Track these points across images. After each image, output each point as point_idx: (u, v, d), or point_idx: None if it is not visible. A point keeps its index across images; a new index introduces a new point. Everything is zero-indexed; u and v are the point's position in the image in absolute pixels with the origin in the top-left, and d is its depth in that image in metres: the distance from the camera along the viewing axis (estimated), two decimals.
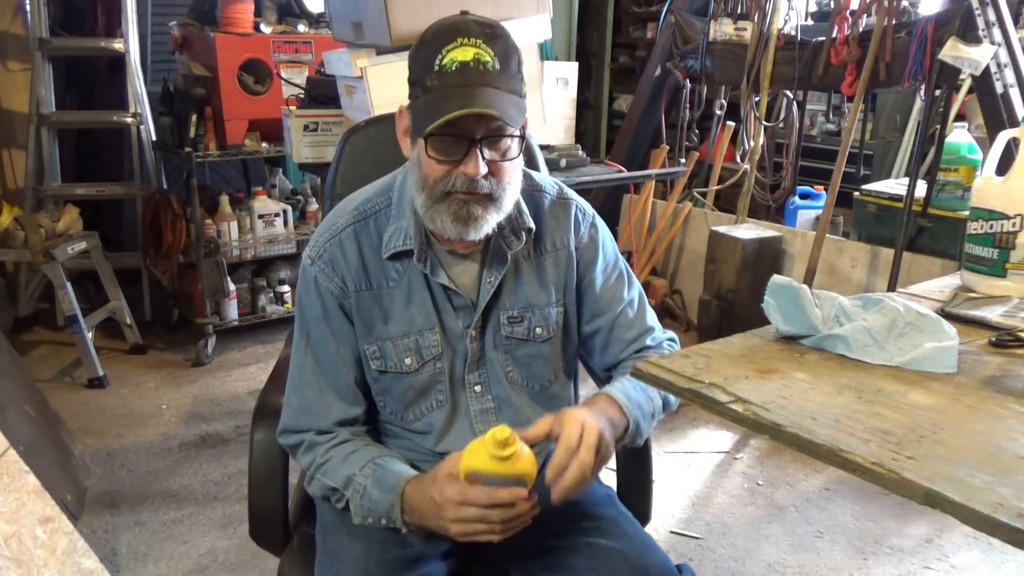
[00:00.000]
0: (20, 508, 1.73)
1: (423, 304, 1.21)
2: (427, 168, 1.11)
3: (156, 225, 3.52)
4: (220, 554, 2.22)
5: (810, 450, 0.84)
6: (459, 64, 1.06)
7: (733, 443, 2.89)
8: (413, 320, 1.21)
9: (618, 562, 1.12)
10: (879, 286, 3.01)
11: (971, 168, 2.78)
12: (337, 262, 1.20)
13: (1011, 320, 1.20)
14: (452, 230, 1.13)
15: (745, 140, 3.64)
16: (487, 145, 1.09)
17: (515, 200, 1.19)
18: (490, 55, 1.07)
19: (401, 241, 1.19)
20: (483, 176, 1.09)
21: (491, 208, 1.12)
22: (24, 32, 3.72)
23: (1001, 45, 2.70)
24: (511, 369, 1.25)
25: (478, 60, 1.06)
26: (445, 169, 1.10)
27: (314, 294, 1.22)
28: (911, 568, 2.23)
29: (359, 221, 1.22)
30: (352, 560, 1.12)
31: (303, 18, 3.69)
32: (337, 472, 1.17)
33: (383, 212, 1.22)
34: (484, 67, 1.06)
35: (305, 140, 2.78)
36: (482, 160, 1.08)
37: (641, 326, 1.30)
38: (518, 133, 1.12)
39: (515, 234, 1.22)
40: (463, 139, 1.08)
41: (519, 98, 1.11)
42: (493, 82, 1.07)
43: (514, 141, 1.12)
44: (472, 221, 1.12)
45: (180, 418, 2.99)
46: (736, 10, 3.53)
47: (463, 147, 1.08)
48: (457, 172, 1.09)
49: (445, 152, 1.09)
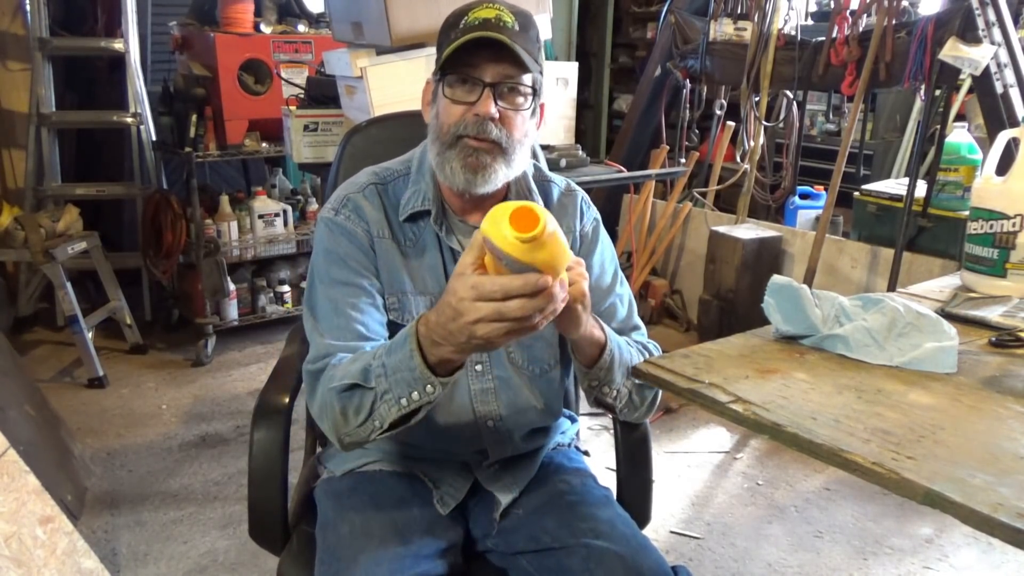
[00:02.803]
0: (20, 508, 1.73)
1: (435, 269, 1.24)
2: (443, 113, 1.16)
3: (156, 225, 3.52)
4: (220, 554, 2.22)
5: (810, 450, 0.84)
6: (482, 19, 1.13)
7: (733, 443, 2.89)
8: (426, 282, 1.24)
9: (614, 564, 1.12)
10: (879, 286, 3.01)
11: (971, 168, 2.78)
12: (361, 209, 1.23)
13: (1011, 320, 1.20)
14: (461, 178, 1.16)
15: (745, 140, 3.64)
16: (500, 96, 1.15)
17: (526, 163, 1.23)
18: (511, 18, 1.14)
19: (419, 202, 1.24)
20: (494, 120, 1.14)
21: (500, 159, 1.17)
22: (24, 32, 3.72)
23: (1001, 45, 2.70)
24: (513, 350, 1.26)
25: (500, 18, 1.14)
26: (459, 111, 1.15)
27: (341, 236, 1.21)
28: (911, 568, 2.23)
29: (379, 183, 1.27)
30: (352, 558, 1.11)
31: (303, 18, 3.70)
32: (349, 368, 1.07)
33: (402, 179, 1.28)
34: (504, 24, 1.13)
35: (305, 140, 2.78)
36: (494, 104, 1.14)
37: (629, 322, 1.32)
38: (530, 87, 1.17)
39: None
40: (478, 83, 1.14)
41: (534, 60, 1.16)
42: (512, 37, 1.12)
43: (528, 97, 1.17)
44: (481, 170, 1.16)
45: (180, 418, 2.99)
46: (736, 10, 3.54)
47: (478, 91, 1.14)
48: (469, 114, 1.14)
49: (460, 93, 1.15)
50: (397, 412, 1.02)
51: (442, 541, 1.18)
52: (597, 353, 1.15)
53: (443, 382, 1.00)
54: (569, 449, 1.42)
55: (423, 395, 1.00)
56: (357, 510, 1.20)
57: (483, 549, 1.27)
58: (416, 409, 1.02)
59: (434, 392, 1.00)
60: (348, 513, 1.19)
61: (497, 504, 1.25)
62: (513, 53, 1.12)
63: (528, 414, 1.28)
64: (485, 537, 1.26)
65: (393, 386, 1.01)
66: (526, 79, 1.16)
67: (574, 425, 1.47)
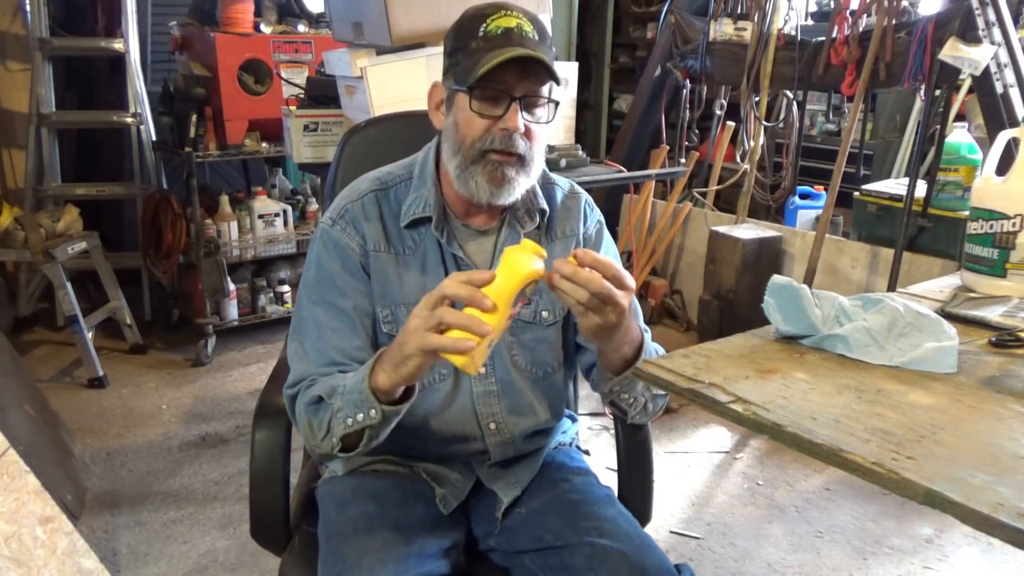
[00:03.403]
0: (20, 508, 1.73)
1: (436, 275, 1.23)
2: (466, 127, 1.16)
3: (156, 225, 3.52)
4: (220, 554, 2.22)
5: (810, 450, 0.84)
6: (504, 29, 1.13)
7: (733, 443, 2.89)
8: (426, 289, 1.20)
9: (617, 562, 1.12)
10: (879, 286, 3.01)
11: (971, 168, 2.78)
12: (358, 222, 1.23)
13: (1011, 320, 1.20)
14: (485, 191, 1.17)
15: (745, 140, 3.64)
16: (524, 107, 1.15)
17: (540, 171, 1.24)
18: (530, 27, 1.15)
19: (420, 208, 1.23)
20: (521, 134, 1.14)
21: (522, 172, 1.18)
22: (24, 32, 3.72)
23: (1001, 45, 2.70)
24: (516, 353, 1.27)
25: (520, 28, 1.14)
26: (485, 125, 1.14)
27: (334, 251, 1.23)
28: (911, 568, 2.23)
29: (380, 189, 1.27)
30: (356, 558, 1.11)
31: (303, 18, 3.69)
32: (320, 386, 1.14)
33: (404, 184, 1.27)
34: (525, 34, 1.14)
35: (305, 140, 2.78)
36: (521, 118, 1.14)
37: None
38: (554, 98, 1.18)
39: (529, 215, 1.27)
40: (504, 96, 1.13)
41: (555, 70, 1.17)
42: (534, 48, 1.13)
43: (548, 107, 1.18)
44: (506, 183, 1.16)
45: (180, 418, 2.99)
46: (736, 10, 3.53)
47: (503, 104, 1.14)
48: (496, 129, 1.14)
49: (487, 107, 1.14)
50: (343, 430, 1.09)
51: (445, 540, 1.18)
52: (624, 366, 1.17)
53: (384, 410, 1.06)
54: (570, 448, 1.42)
55: (367, 418, 1.07)
56: (359, 510, 1.20)
57: (486, 548, 1.27)
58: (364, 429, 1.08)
59: (377, 417, 1.06)
60: (350, 513, 1.19)
61: (499, 503, 1.25)
62: (544, 68, 1.12)
63: (530, 416, 1.28)
64: (487, 536, 1.26)
65: (345, 405, 1.08)
66: (545, 91, 1.17)
67: (575, 425, 1.47)
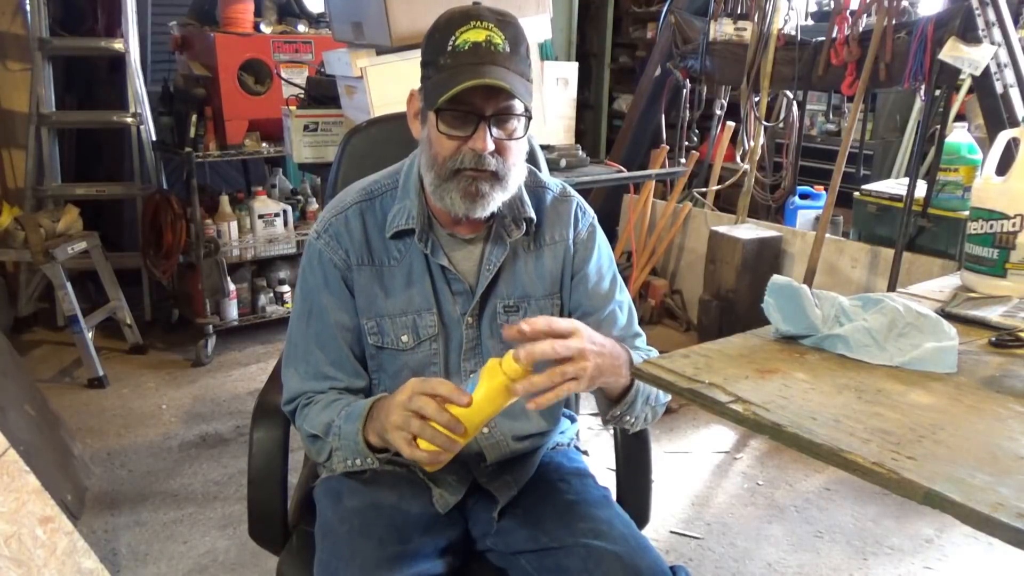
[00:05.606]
0: (20, 508, 1.73)
1: (422, 285, 1.24)
2: (437, 146, 1.16)
3: (156, 225, 3.52)
4: (220, 554, 2.22)
5: (810, 450, 0.84)
6: (471, 44, 1.11)
7: (733, 443, 2.89)
8: (412, 300, 1.24)
9: (612, 564, 1.12)
10: (879, 286, 3.01)
11: (971, 168, 2.78)
12: (341, 236, 1.24)
13: (1011, 320, 1.20)
14: (460, 207, 1.17)
15: (745, 140, 3.64)
16: (495, 124, 1.14)
17: (519, 182, 1.23)
18: (501, 38, 1.12)
19: (404, 220, 1.23)
20: (491, 153, 1.14)
21: (497, 186, 1.17)
22: (24, 32, 3.72)
23: (1001, 45, 2.70)
24: None
25: (490, 41, 1.11)
26: (454, 145, 1.14)
27: (317, 266, 1.25)
28: (911, 568, 2.23)
29: (366, 200, 1.27)
30: (351, 557, 1.11)
31: (303, 18, 3.69)
32: (318, 418, 1.21)
33: (389, 193, 1.27)
34: (495, 48, 1.11)
35: (305, 140, 2.78)
36: (490, 137, 1.13)
37: (629, 330, 1.31)
38: (525, 113, 1.16)
39: (515, 223, 1.26)
40: (472, 116, 1.12)
41: (527, 81, 1.15)
42: (503, 62, 1.11)
43: (520, 121, 1.17)
44: (480, 198, 1.16)
45: (180, 418, 2.99)
46: (736, 10, 3.53)
47: (472, 124, 1.13)
48: (466, 148, 1.14)
49: (455, 127, 1.13)
50: (344, 468, 1.20)
51: (441, 540, 1.18)
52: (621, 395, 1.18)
53: (380, 458, 1.16)
54: (568, 449, 1.42)
55: (364, 464, 1.17)
56: (356, 510, 1.20)
57: (482, 549, 1.27)
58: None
59: (374, 465, 1.17)
60: (347, 513, 1.19)
61: (496, 504, 1.25)
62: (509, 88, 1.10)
63: (524, 421, 1.28)
64: (484, 537, 1.26)
65: (343, 447, 1.17)
66: (519, 106, 1.14)
67: (574, 425, 1.47)
